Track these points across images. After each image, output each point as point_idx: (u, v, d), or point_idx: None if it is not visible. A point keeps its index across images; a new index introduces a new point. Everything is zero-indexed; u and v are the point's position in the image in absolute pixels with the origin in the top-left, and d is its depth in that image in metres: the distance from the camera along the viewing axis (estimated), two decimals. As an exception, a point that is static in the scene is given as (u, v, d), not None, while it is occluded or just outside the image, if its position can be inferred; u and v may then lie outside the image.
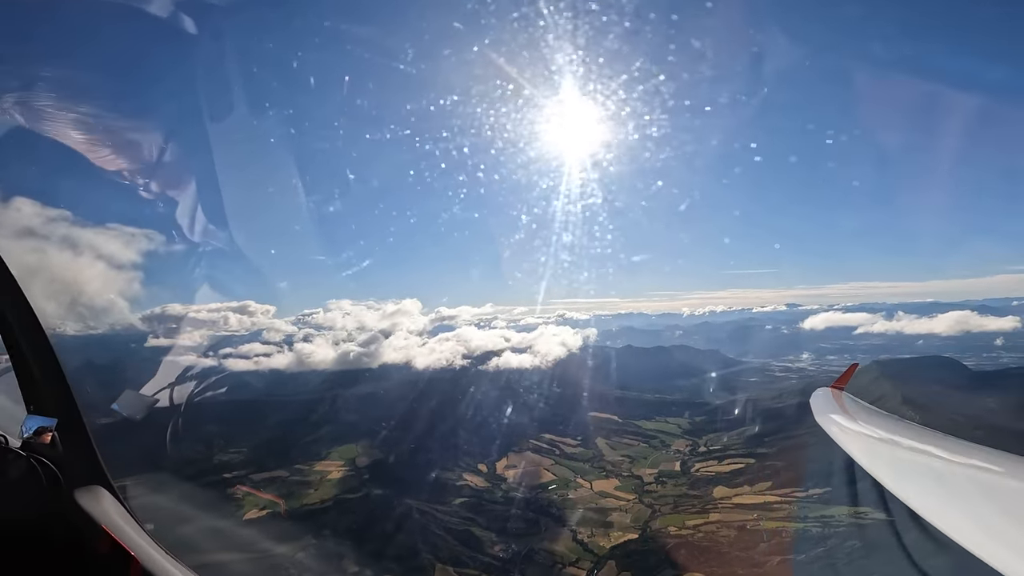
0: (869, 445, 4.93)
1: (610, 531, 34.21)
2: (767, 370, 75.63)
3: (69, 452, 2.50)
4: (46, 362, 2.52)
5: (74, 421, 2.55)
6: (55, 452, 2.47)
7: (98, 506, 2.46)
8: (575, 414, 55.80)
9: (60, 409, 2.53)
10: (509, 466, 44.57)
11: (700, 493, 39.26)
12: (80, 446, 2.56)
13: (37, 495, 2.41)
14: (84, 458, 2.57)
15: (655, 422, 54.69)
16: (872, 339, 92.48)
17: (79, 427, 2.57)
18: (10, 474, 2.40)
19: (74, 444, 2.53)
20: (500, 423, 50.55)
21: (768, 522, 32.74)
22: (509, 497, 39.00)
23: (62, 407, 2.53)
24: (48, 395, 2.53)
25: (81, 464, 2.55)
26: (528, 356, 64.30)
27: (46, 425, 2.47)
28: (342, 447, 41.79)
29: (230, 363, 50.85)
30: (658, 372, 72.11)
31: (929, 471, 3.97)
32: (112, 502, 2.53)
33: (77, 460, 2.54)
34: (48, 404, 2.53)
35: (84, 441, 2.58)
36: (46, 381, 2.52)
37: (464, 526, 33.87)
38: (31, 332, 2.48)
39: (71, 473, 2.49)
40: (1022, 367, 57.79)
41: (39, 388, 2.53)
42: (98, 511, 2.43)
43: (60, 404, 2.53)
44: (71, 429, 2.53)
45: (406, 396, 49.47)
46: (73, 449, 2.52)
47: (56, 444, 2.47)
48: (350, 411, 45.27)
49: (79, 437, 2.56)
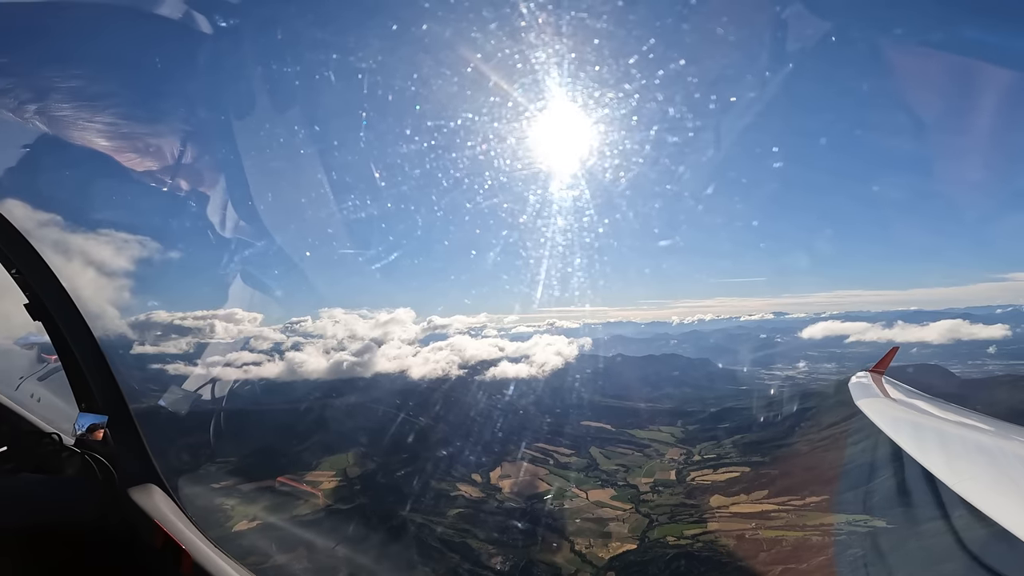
0: (915, 428, 4.70)
1: (608, 541, 33.73)
2: (757, 378, 76.28)
3: (121, 448, 2.53)
4: (94, 359, 2.53)
5: (124, 417, 2.57)
6: (108, 449, 2.50)
7: (150, 501, 2.46)
8: (568, 423, 55.56)
9: (110, 406, 2.54)
10: (503, 476, 43.97)
11: (697, 502, 39.02)
12: (131, 442, 2.58)
13: (92, 491, 2.45)
14: (135, 454, 2.59)
15: (648, 431, 54.63)
16: (861, 347, 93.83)
17: (129, 423, 2.58)
18: (66, 471, 2.49)
19: (125, 440, 2.56)
20: (493, 432, 50.03)
21: (767, 531, 32.56)
22: (505, 507, 38.35)
23: (112, 404, 2.55)
24: (98, 392, 2.54)
25: (133, 460, 2.57)
26: (521, 365, 64.16)
27: (98, 422, 2.50)
28: (333, 457, 40.87)
29: (219, 371, 49.62)
30: (649, 381, 72.30)
31: (981, 454, 3.75)
32: (163, 498, 2.53)
33: (129, 456, 2.55)
34: (98, 401, 2.54)
35: (135, 437, 2.59)
36: (95, 378, 2.54)
37: (461, 538, 33.13)
38: (78, 330, 2.50)
39: (124, 469, 2.52)
40: (1008, 374, 58.92)
41: (89, 385, 2.54)
42: (150, 506, 2.43)
43: (110, 401, 2.55)
44: (122, 425, 2.55)
45: (398, 405, 48.71)
46: (124, 445, 2.55)
47: (108, 441, 2.50)
48: (342, 420, 44.34)
49: (130, 433, 2.58)
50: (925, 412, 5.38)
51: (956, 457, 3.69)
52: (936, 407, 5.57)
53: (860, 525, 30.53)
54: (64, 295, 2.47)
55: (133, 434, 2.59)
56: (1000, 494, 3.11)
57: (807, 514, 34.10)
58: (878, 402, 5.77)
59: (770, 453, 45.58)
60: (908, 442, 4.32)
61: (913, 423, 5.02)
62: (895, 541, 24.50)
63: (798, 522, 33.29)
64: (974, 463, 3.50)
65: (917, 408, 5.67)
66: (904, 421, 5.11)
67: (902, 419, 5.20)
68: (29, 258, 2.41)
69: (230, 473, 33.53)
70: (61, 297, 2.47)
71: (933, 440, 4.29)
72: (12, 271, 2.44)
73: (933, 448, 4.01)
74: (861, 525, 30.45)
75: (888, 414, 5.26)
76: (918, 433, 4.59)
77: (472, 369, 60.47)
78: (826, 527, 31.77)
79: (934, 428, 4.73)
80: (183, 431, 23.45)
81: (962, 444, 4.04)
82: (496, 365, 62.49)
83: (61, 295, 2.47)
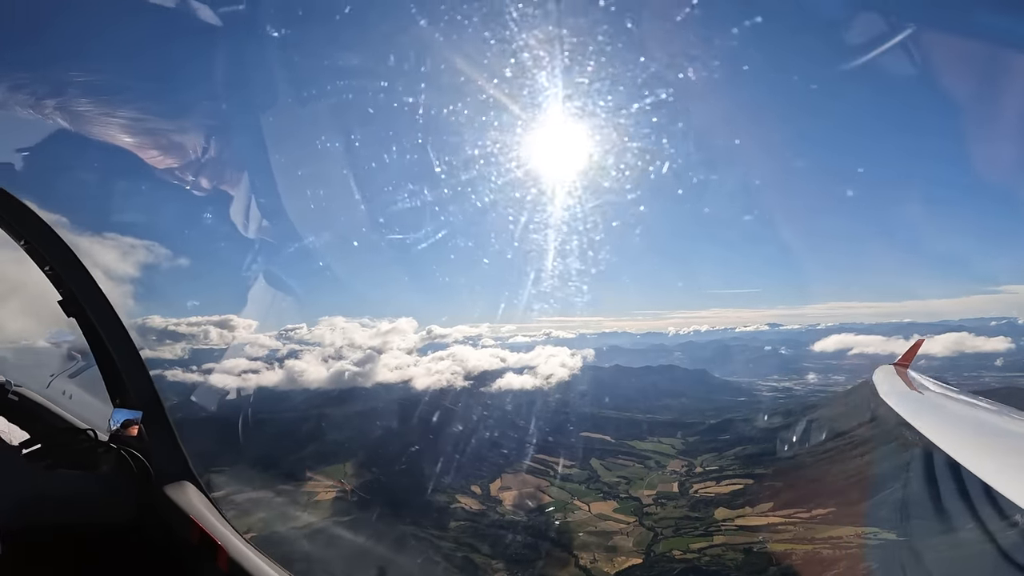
0: (942, 421, 4.44)
1: (613, 556, 32.99)
2: (755, 390, 75.96)
3: (155, 444, 2.52)
4: (128, 356, 2.52)
5: (158, 414, 2.56)
6: (143, 444, 2.50)
7: (185, 497, 2.46)
8: (567, 434, 54.86)
9: (144, 402, 2.53)
10: (503, 488, 43.12)
11: (701, 515, 38.40)
12: (165, 438, 2.57)
13: (129, 487, 2.45)
14: (169, 450, 2.58)
15: (649, 442, 54.02)
16: (858, 359, 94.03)
17: (163, 419, 2.57)
18: (102, 467, 2.46)
19: (159, 436, 2.55)
20: (493, 443, 49.17)
21: (775, 544, 31.98)
22: (506, 520, 37.49)
23: (146, 400, 2.54)
24: (132, 389, 2.53)
25: (167, 456, 2.57)
26: (525, 377, 63.54)
27: (133, 418, 2.50)
28: (330, 467, 39.87)
29: (215, 378, 48.50)
30: (647, 392, 71.74)
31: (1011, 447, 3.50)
32: (198, 494, 2.53)
33: (163, 452, 2.55)
34: (132, 398, 2.54)
35: (168, 433, 2.58)
36: (129, 375, 2.52)
37: (463, 552, 32.24)
38: (112, 327, 2.48)
39: (159, 465, 2.52)
40: (1007, 386, 59.11)
41: (123, 382, 2.53)
42: (185, 502, 2.43)
43: (144, 397, 2.54)
44: (156, 421, 2.54)
45: (397, 415, 47.79)
46: (159, 441, 2.54)
47: (143, 437, 2.50)
48: (340, 430, 43.34)
49: (163, 429, 2.57)
50: (955, 403, 5.12)
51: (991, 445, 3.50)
52: (964, 399, 5.24)
53: (871, 538, 30.09)
54: (98, 291, 2.44)
55: (167, 431, 2.58)
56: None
57: (815, 527, 33.60)
58: (904, 394, 5.51)
59: (772, 465, 45.06)
60: (935, 432, 4.04)
61: (940, 413, 4.78)
62: (909, 553, 24.07)
63: (806, 535, 32.77)
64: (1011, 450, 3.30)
65: (945, 399, 5.33)
66: (932, 413, 4.79)
67: (929, 409, 4.89)
68: (62, 254, 2.37)
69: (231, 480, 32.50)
70: (95, 293, 2.44)
71: (964, 429, 4.10)
72: (45, 268, 2.41)
73: (964, 436, 3.79)
74: (872, 538, 30.02)
75: (916, 406, 4.97)
76: (946, 421, 4.36)
77: (476, 380, 59.71)
78: (835, 540, 31.27)
79: (964, 417, 4.54)
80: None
81: (996, 433, 3.83)
82: (501, 376, 61.82)
83: (95, 291, 2.44)
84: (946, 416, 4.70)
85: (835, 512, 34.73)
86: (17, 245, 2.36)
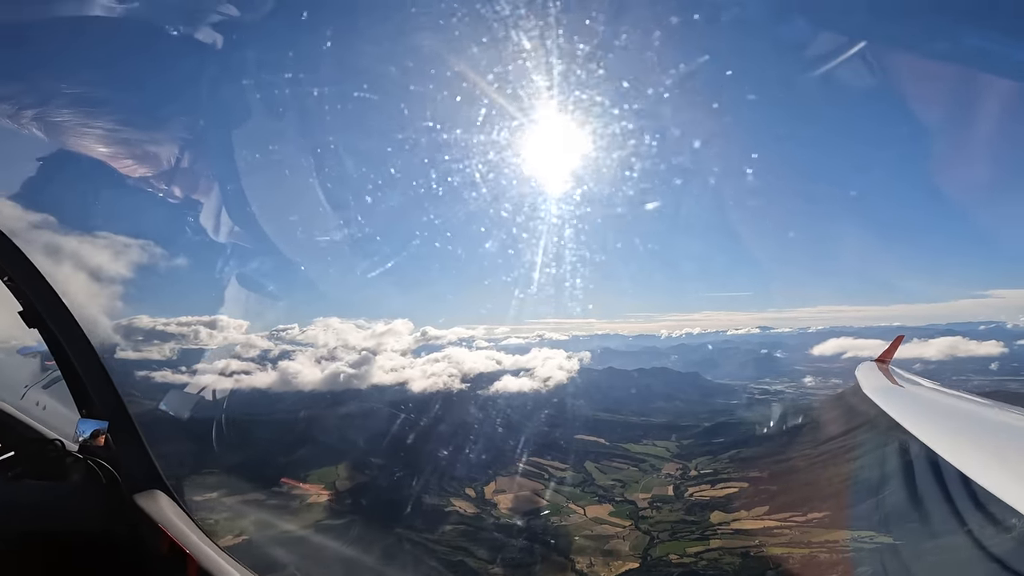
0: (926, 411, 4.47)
1: (610, 560, 32.71)
2: (747, 392, 76.11)
3: (124, 453, 2.51)
4: (92, 367, 2.50)
5: (125, 423, 2.54)
6: (110, 453, 2.49)
7: (155, 506, 2.44)
8: (561, 437, 54.62)
9: (111, 411, 2.52)
10: (498, 490, 42.73)
11: (697, 519, 38.29)
12: (133, 447, 2.56)
13: (97, 496, 2.44)
14: (138, 459, 2.56)
15: (643, 445, 53.95)
16: (850, 363, 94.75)
17: (131, 428, 2.55)
18: (71, 476, 2.47)
19: (127, 445, 2.54)
20: (487, 445, 48.79)
21: (772, 548, 31.89)
22: (501, 524, 37.11)
23: (112, 409, 2.52)
24: (97, 398, 2.52)
25: (136, 465, 2.54)
26: (518, 379, 63.26)
27: (100, 428, 2.47)
28: (322, 469, 39.24)
29: (205, 379, 47.62)
30: (641, 394, 71.79)
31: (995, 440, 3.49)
32: (168, 502, 2.50)
33: (132, 461, 2.53)
34: (98, 407, 2.52)
35: (137, 442, 2.57)
36: (93, 385, 2.51)
37: (457, 556, 31.79)
38: (74, 338, 2.46)
39: (127, 474, 2.50)
40: (997, 390, 59.76)
41: (88, 392, 2.52)
42: (155, 511, 2.41)
43: (110, 406, 2.52)
44: (123, 431, 2.53)
45: (390, 418, 47.27)
46: (127, 450, 2.53)
47: (110, 446, 2.49)
48: (332, 432, 42.73)
49: (131, 438, 2.55)
50: (938, 397, 5.15)
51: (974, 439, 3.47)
52: (949, 393, 5.23)
53: (867, 541, 30.08)
54: (58, 302, 2.42)
55: (136, 439, 2.55)
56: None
57: (811, 530, 33.58)
58: (887, 389, 5.54)
59: (767, 468, 45.13)
60: (920, 427, 4.00)
61: (923, 407, 4.76)
62: (905, 557, 24.06)
63: (803, 539, 32.72)
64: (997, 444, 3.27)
65: (929, 394, 5.36)
66: (914, 406, 4.78)
67: (912, 405, 4.87)
68: (21, 265, 2.34)
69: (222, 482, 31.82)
70: (55, 304, 2.41)
71: (949, 423, 4.04)
72: (4, 278, 2.38)
73: (949, 431, 3.75)
74: (867, 541, 30.01)
75: (898, 400, 5.02)
76: (930, 417, 4.34)
77: (472, 382, 59.35)
78: (832, 544, 31.24)
79: (948, 411, 4.51)
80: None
81: (980, 425, 3.80)
82: (499, 379, 61.53)
83: (55, 302, 2.42)
84: (926, 408, 4.68)
85: (830, 516, 34.75)
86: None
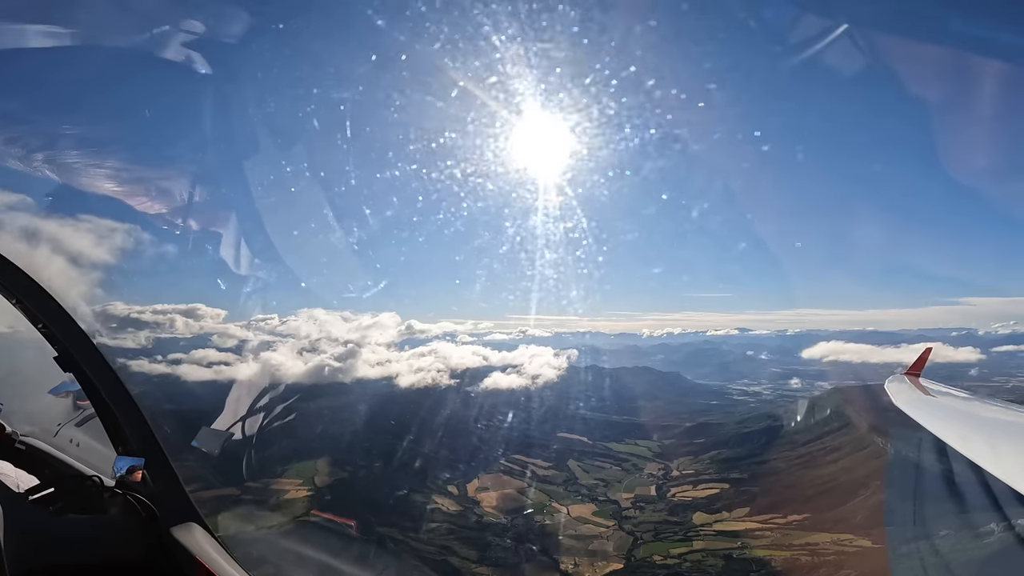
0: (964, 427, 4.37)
1: (594, 560, 32.57)
2: (726, 393, 77.00)
3: (159, 488, 2.54)
4: (126, 405, 2.56)
5: (160, 459, 2.59)
6: (148, 489, 2.54)
7: (191, 538, 2.48)
8: (544, 435, 54.35)
9: (145, 448, 2.57)
10: (481, 488, 42.26)
11: (680, 519, 38.43)
12: (169, 482, 2.59)
13: (136, 529, 2.49)
14: (174, 493, 2.61)
15: (626, 444, 54.00)
16: (827, 366, 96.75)
17: (165, 464, 2.60)
18: (110, 511, 2.56)
19: (163, 480, 2.58)
20: (470, 443, 48.24)
21: (755, 550, 32.14)
22: (485, 523, 36.65)
23: (147, 446, 2.57)
24: (132, 436, 2.57)
25: (171, 499, 2.58)
26: (506, 376, 62.79)
27: (136, 464, 2.53)
28: (300, 464, 38.15)
29: (181, 369, 45.93)
30: (623, 393, 71.90)
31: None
32: (204, 535, 2.55)
33: (167, 495, 2.57)
34: (133, 444, 2.57)
35: (171, 477, 2.61)
36: (128, 423, 2.56)
37: (441, 555, 31.22)
38: (107, 379, 2.53)
39: (164, 508, 2.54)
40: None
41: (123, 430, 2.58)
42: (192, 543, 2.45)
43: (144, 443, 2.57)
44: (158, 466, 2.58)
45: (376, 412, 46.31)
46: (162, 485, 2.56)
47: (147, 481, 2.54)
48: (313, 426, 41.59)
49: (167, 473, 2.60)
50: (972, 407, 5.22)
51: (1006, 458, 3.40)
52: (985, 402, 5.27)
53: (846, 544, 30.53)
54: (91, 345, 2.49)
55: (171, 475, 2.60)
56: None
57: (791, 532, 33.98)
58: (920, 401, 5.42)
59: (748, 470, 45.63)
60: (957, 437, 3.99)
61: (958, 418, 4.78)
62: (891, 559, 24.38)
63: (783, 541, 33.07)
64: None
65: (963, 404, 5.38)
66: (949, 417, 4.77)
67: (947, 416, 4.85)
68: (55, 312, 2.42)
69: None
70: (88, 348, 2.48)
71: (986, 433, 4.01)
72: (39, 326, 2.47)
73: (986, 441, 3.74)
74: (847, 544, 30.46)
75: (932, 412, 4.90)
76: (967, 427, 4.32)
77: (459, 378, 58.64)
78: (812, 546, 31.63)
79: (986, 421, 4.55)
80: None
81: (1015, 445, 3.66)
82: (488, 376, 60.96)
83: (88, 346, 2.49)
84: (962, 418, 4.65)
85: (810, 518, 35.24)
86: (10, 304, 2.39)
